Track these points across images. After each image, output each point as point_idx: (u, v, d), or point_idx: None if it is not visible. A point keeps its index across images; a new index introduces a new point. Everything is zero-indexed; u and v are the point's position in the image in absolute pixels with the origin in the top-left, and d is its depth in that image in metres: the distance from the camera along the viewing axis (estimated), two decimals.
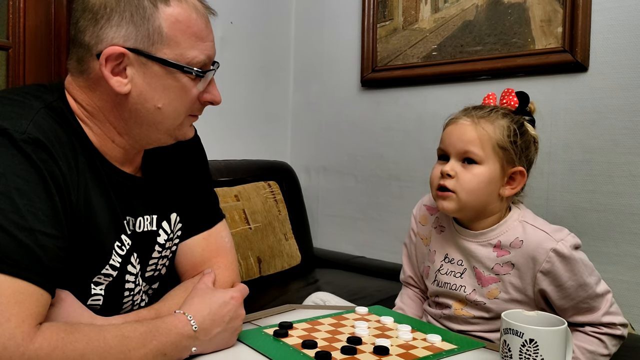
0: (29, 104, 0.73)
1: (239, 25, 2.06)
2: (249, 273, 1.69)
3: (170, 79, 0.77)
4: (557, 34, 1.54)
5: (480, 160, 1.00)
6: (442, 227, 1.13)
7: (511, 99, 1.07)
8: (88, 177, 0.76)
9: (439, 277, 1.10)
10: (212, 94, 0.83)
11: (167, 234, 0.91)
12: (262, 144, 2.21)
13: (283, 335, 0.87)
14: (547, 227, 1.01)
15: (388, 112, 1.99)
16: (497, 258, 1.02)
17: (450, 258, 1.09)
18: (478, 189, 1.00)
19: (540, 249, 0.97)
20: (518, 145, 1.02)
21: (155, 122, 0.80)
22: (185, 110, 0.81)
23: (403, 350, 0.84)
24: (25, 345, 0.60)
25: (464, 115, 1.04)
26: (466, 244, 1.07)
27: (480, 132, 1.00)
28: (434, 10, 1.83)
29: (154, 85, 0.77)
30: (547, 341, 0.70)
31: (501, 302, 1.02)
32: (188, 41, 0.77)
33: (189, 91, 0.79)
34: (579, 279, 0.97)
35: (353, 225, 2.12)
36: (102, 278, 0.79)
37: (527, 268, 0.99)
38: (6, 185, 0.65)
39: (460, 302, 1.07)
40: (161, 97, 0.78)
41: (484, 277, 1.04)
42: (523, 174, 1.04)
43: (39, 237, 0.65)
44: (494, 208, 1.04)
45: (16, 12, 1.60)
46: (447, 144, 1.03)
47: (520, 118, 1.05)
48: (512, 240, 1.01)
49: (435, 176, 1.05)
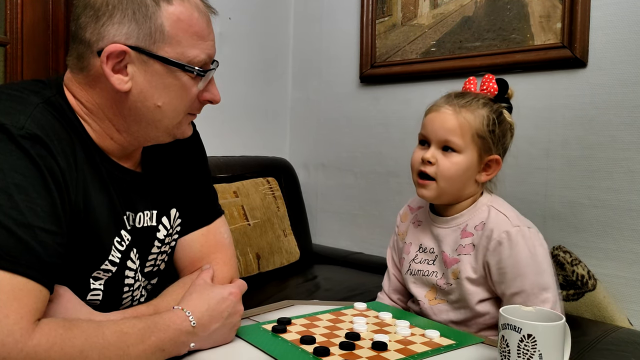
0: (27, 99, 0.73)
1: (238, 22, 2.05)
2: (247, 269, 1.69)
3: (171, 77, 0.77)
4: (556, 29, 1.54)
5: (460, 149, 1.05)
6: (419, 221, 1.19)
7: (491, 86, 1.11)
8: (87, 172, 0.76)
9: (412, 266, 1.15)
10: (211, 92, 0.83)
11: (167, 229, 0.91)
12: (260, 140, 2.20)
13: (281, 331, 0.87)
14: (511, 214, 1.06)
15: (387, 108, 1.99)
16: (460, 239, 1.08)
17: (424, 247, 1.15)
18: (457, 176, 1.05)
19: (496, 230, 1.03)
20: (496, 135, 1.06)
21: (154, 120, 0.80)
22: (185, 109, 0.81)
23: (401, 345, 0.84)
24: (24, 341, 0.60)
25: (446, 103, 1.08)
26: (438, 230, 1.12)
27: (461, 121, 1.04)
28: (433, 6, 1.83)
29: (154, 83, 0.77)
30: (545, 336, 0.70)
31: (461, 282, 1.06)
32: (189, 40, 0.77)
33: (189, 90, 0.79)
34: (519, 270, 1.00)
35: (352, 221, 2.12)
36: (101, 273, 0.79)
37: (482, 247, 1.04)
38: (4, 181, 0.64)
39: (433, 290, 1.12)
40: (161, 95, 0.78)
41: (448, 259, 1.09)
42: (498, 161, 1.09)
43: (37, 233, 0.65)
44: (469, 192, 1.09)
45: (14, 7, 1.60)
46: (429, 131, 1.08)
47: (499, 107, 1.09)
48: (477, 223, 1.07)
49: (416, 161, 1.10)
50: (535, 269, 1.00)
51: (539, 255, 1.01)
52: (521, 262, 1.00)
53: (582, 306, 1.42)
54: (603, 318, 1.39)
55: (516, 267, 1.00)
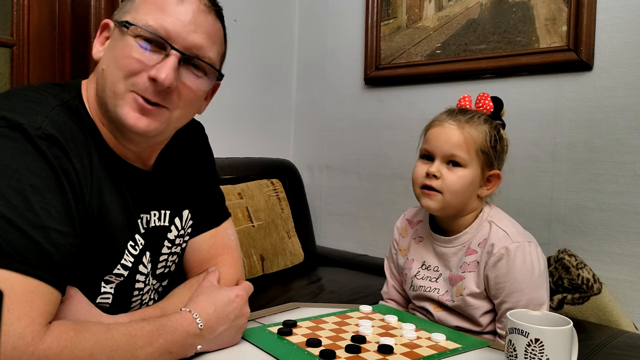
0: (45, 100, 0.73)
1: (243, 24, 2.05)
2: (252, 271, 1.69)
3: (120, 39, 0.76)
4: (561, 32, 1.54)
5: (465, 163, 1.06)
6: (420, 237, 1.19)
7: (486, 103, 1.12)
8: (102, 175, 0.76)
9: (414, 282, 1.16)
10: (157, 69, 0.74)
11: (178, 230, 0.91)
12: (265, 142, 2.20)
13: (287, 334, 0.87)
14: (510, 229, 1.07)
15: (391, 110, 1.99)
16: (465, 257, 1.09)
17: (427, 265, 1.16)
18: (462, 190, 1.06)
19: (496, 246, 1.05)
20: (497, 150, 1.09)
21: (102, 90, 0.76)
22: (123, 74, 0.74)
23: (407, 349, 0.84)
24: (35, 345, 0.60)
25: (449, 118, 1.09)
26: (442, 249, 1.13)
27: (466, 136, 1.06)
28: (438, 9, 1.83)
29: (108, 48, 0.79)
30: (553, 341, 0.70)
31: (464, 298, 1.08)
32: (146, 8, 0.76)
33: (130, 52, 0.74)
34: (517, 286, 1.02)
35: (356, 223, 2.11)
36: (113, 277, 0.79)
37: (483, 262, 1.06)
38: (20, 181, 0.64)
39: (434, 304, 1.13)
40: (106, 56, 0.79)
41: (453, 277, 1.10)
42: (499, 176, 1.11)
43: (51, 235, 0.65)
44: (471, 207, 1.11)
45: (20, 9, 1.60)
46: (434, 146, 1.08)
47: (497, 124, 1.11)
48: (480, 240, 1.08)
49: (419, 175, 1.10)
50: (533, 285, 1.03)
51: (537, 271, 1.03)
52: (519, 279, 1.02)
53: (587, 310, 1.41)
54: (608, 322, 1.38)
55: (514, 283, 1.02)
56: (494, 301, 1.06)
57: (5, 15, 1.59)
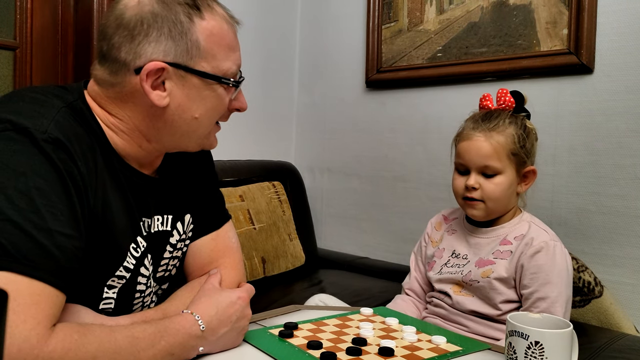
0: (50, 102, 0.73)
1: (245, 27, 2.04)
2: (253, 273, 1.69)
3: (208, 90, 0.80)
4: (562, 35, 1.54)
5: (499, 171, 1.12)
6: (454, 230, 1.26)
7: (507, 100, 1.17)
8: (106, 178, 0.77)
9: (443, 269, 1.22)
10: (240, 101, 0.86)
11: (180, 234, 0.92)
12: (266, 145, 2.21)
13: (288, 336, 0.88)
14: (551, 231, 1.15)
15: (393, 113, 1.99)
16: (499, 246, 1.15)
17: (457, 253, 1.22)
18: (502, 195, 1.13)
19: (536, 239, 1.11)
20: (526, 148, 1.14)
21: (189, 132, 0.82)
22: (217, 119, 0.85)
23: (408, 351, 0.84)
24: (40, 347, 0.61)
25: (475, 129, 1.14)
26: (476, 239, 1.20)
27: (494, 145, 1.11)
28: (439, 12, 1.83)
29: (192, 96, 0.79)
30: (553, 343, 0.70)
31: (490, 281, 1.12)
32: (222, 53, 0.79)
33: (223, 100, 0.82)
34: (552, 278, 1.07)
35: (357, 226, 2.12)
36: (115, 281, 0.80)
37: (519, 252, 1.12)
38: (26, 184, 0.65)
39: (458, 285, 1.18)
40: (199, 107, 0.80)
41: (482, 261, 1.16)
42: (535, 171, 1.17)
43: (56, 238, 0.65)
44: (512, 204, 1.18)
45: (23, 12, 1.61)
46: (467, 160, 1.15)
47: (522, 119, 1.15)
48: (517, 235, 1.15)
49: (459, 187, 1.17)
50: (566, 281, 1.09)
51: (569, 270, 1.10)
52: (555, 272, 1.07)
53: (588, 313, 1.41)
54: (609, 325, 1.38)
55: (549, 275, 1.07)
56: (523, 291, 1.10)
57: (8, 18, 1.60)
